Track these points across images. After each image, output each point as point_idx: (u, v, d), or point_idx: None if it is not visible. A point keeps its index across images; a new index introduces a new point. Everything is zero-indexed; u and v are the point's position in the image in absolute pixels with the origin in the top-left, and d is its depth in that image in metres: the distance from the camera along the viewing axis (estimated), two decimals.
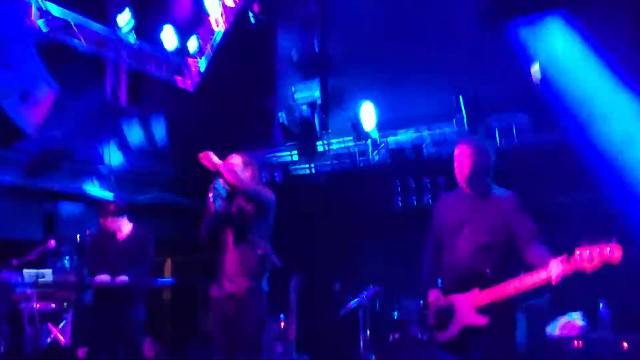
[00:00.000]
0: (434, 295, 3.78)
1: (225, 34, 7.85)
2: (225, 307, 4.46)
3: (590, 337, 4.51)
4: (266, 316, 4.47)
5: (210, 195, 4.29)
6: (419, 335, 5.15)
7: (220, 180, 4.38)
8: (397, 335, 5.38)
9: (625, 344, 4.27)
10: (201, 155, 4.20)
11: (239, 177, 4.27)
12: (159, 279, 6.77)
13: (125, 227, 5.67)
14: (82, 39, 6.47)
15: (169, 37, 7.19)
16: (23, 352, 5.31)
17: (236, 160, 4.60)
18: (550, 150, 6.09)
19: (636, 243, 4.02)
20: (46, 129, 5.87)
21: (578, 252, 3.20)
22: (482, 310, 3.55)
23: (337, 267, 6.46)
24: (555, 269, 3.25)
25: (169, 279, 7.24)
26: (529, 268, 3.43)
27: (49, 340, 5.75)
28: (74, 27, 6.31)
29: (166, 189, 7.77)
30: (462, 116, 6.40)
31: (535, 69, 5.72)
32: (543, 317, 4.82)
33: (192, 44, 7.70)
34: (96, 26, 6.66)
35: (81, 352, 5.52)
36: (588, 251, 3.16)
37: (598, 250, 3.13)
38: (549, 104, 5.87)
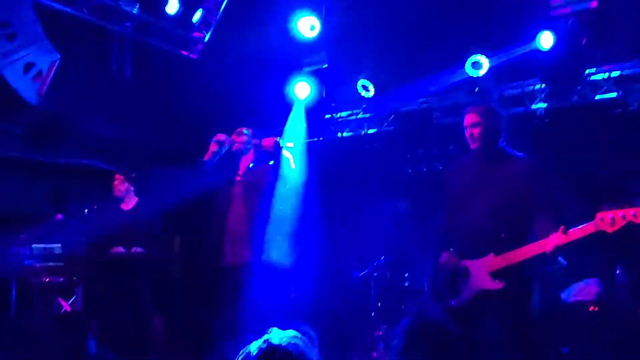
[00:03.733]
0: (445, 259, 3.75)
1: (230, 2, 7.70)
2: (231, 278, 4.47)
3: (606, 302, 4.46)
4: (273, 285, 4.47)
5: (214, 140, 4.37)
6: (431, 304, 5.11)
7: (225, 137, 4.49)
8: (408, 305, 5.35)
9: None
10: None
11: None
12: (167, 253, 6.77)
13: (132, 199, 5.68)
14: (84, 9, 6.34)
15: (172, 5, 7.07)
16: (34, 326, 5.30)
17: (246, 130, 4.68)
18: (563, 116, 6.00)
19: None
20: (51, 101, 5.80)
21: (600, 217, 3.16)
22: (496, 275, 3.51)
23: (347, 237, 6.42)
24: (552, 241, 3.27)
25: (176, 254, 7.23)
26: (535, 236, 3.42)
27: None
28: None
29: (173, 162, 7.70)
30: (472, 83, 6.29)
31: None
32: (558, 284, 4.77)
33: (197, 15, 7.56)
34: None
35: (93, 326, 5.51)
36: (610, 214, 3.12)
37: (621, 213, 3.09)
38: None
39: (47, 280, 5.51)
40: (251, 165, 4.75)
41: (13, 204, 6.13)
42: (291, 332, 1.73)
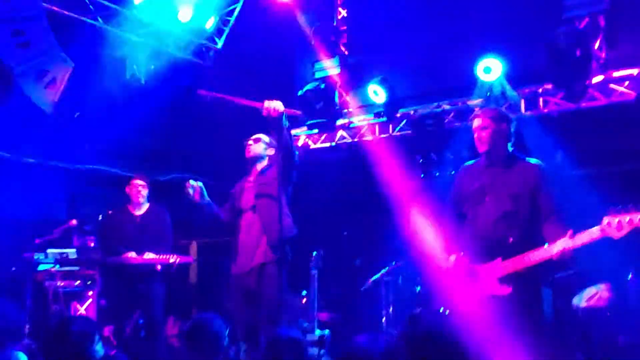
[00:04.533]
0: (454, 262, 3.72)
1: (243, 10, 7.76)
2: (245, 282, 4.49)
3: (618, 308, 4.41)
4: (286, 287, 4.46)
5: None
6: (442, 309, 5.07)
7: None
8: (420, 310, 5.31)
9: None
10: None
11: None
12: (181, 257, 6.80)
13: (145, 204, 5.73)
14: (98, 17, 6.45)
15: (185, 13, 7.14)
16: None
17: (264, 137, 4.68)
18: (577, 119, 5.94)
19: None
20: (67, 108, 5.89)
21: (606, 221, 3.14)
22: (504, 280, 3.48)
23: (358, 242, 6.42)
24: (558, 246, 3.25)
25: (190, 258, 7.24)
26: (544, 241, 3.39)
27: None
28: (89, 4, 6.28)
29: (187, 168, 7.77)
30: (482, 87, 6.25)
31: None
32: (569, 290, 4.72)
33: (210, 21, 7.63)
34: (111, 5, 6.63)
35: (107, 330, 5.57)
36: (617, 219, 3.09)
37: (628, 218, 3.06)
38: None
39: (62, 284, 5.59)
40: (263, 171, 4.73)
41: (28, 209, 6.23)
42: None
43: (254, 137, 4.79)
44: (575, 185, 5.05)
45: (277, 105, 4.24)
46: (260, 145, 4.74)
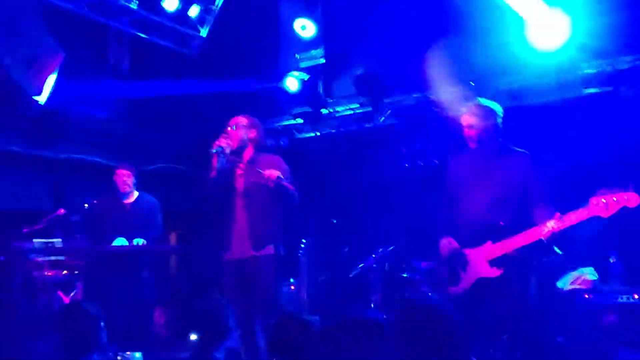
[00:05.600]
0: (445, 246, 3.82)
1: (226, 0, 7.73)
2: (240, 269, 4.50)
3: (600, 290, 4.56)
4: (280, 278, 4.50)
5: (214, 150, 4.33)
6: (430, 294, 5.19)
7: (225, 141, 4.42)
8: (407, 295, 5.42)
9: (636, 295, 4.32)
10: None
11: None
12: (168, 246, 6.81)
13: (133, 193, 5.73)
14: (84, 5, 6.38)
15: (169, 2, 7.09)
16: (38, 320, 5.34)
17: (242, 121, 4.58)
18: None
19: None
20: (51, 97, 5.83)
21: (594, 202, 3.26)
22: (494, 262, 3.59)
23: (346, 229, 6.49)
24: (548, 227, 3.39)
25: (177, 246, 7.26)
26: (534, 224, 3.51)
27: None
28: None
29: (171, 158, 7.76)
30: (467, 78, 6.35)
31: None
32: (554, 274, 4.85)
33: (194, 10, 7.59)
34: None
35: None
36: (604, 199, 3.22)
37: (615, 198, 3.19)
38: None
39: (49, 274, 5.55)
40: (252, 160, 4.70)
41: (15, 198, 6.17)
42: None
43: (231, 124, 4.55)
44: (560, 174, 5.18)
45: (272, 172, 4.35)
46: (240, 132, 4.56)
